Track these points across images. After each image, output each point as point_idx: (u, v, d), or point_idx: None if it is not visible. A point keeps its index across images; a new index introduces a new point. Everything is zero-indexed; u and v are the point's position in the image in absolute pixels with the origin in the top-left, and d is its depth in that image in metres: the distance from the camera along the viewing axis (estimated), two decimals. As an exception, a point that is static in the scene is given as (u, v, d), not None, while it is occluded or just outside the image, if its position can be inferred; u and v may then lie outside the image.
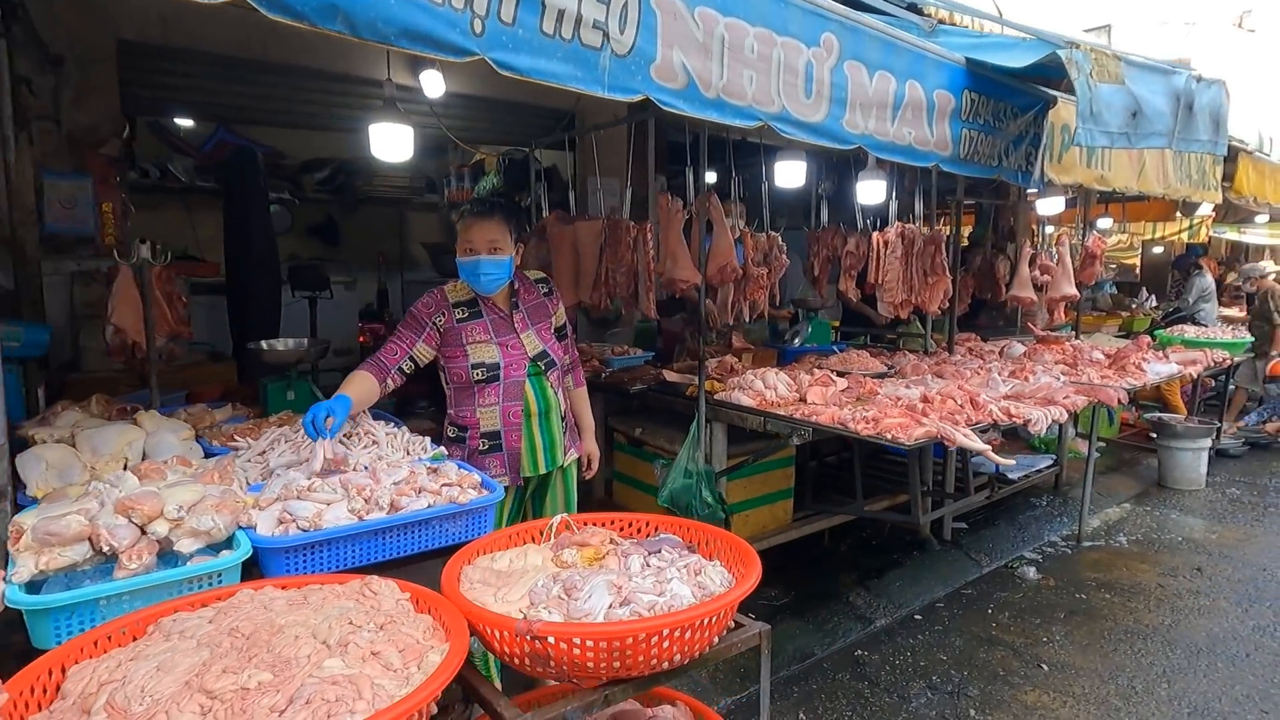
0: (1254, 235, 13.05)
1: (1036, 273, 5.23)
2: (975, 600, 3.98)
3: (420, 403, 4.47)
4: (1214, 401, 8.50)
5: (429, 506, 1.94)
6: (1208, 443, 5.93)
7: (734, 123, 2.48)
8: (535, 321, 2.60)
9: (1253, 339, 7.03)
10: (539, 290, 2.67)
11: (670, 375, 3.68)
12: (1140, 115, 3.19)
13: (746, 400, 3.21)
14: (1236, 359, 6.58)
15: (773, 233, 3.59)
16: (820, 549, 4.45)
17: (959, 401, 3.00)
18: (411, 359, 2.48)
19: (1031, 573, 4.29)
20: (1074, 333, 5.82)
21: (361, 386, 2.32)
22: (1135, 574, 4.31)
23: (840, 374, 3.71)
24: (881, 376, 3.79)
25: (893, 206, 4.34)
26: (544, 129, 6.38)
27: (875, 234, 4.21)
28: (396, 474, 2.05)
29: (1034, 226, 8.38)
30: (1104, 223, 10.59)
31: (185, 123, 6.71)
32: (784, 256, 3.57)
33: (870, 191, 4.07)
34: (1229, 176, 6.82)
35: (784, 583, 4.04)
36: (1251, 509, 5.47)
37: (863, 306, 5.20)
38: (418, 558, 1.99)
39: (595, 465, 2.92)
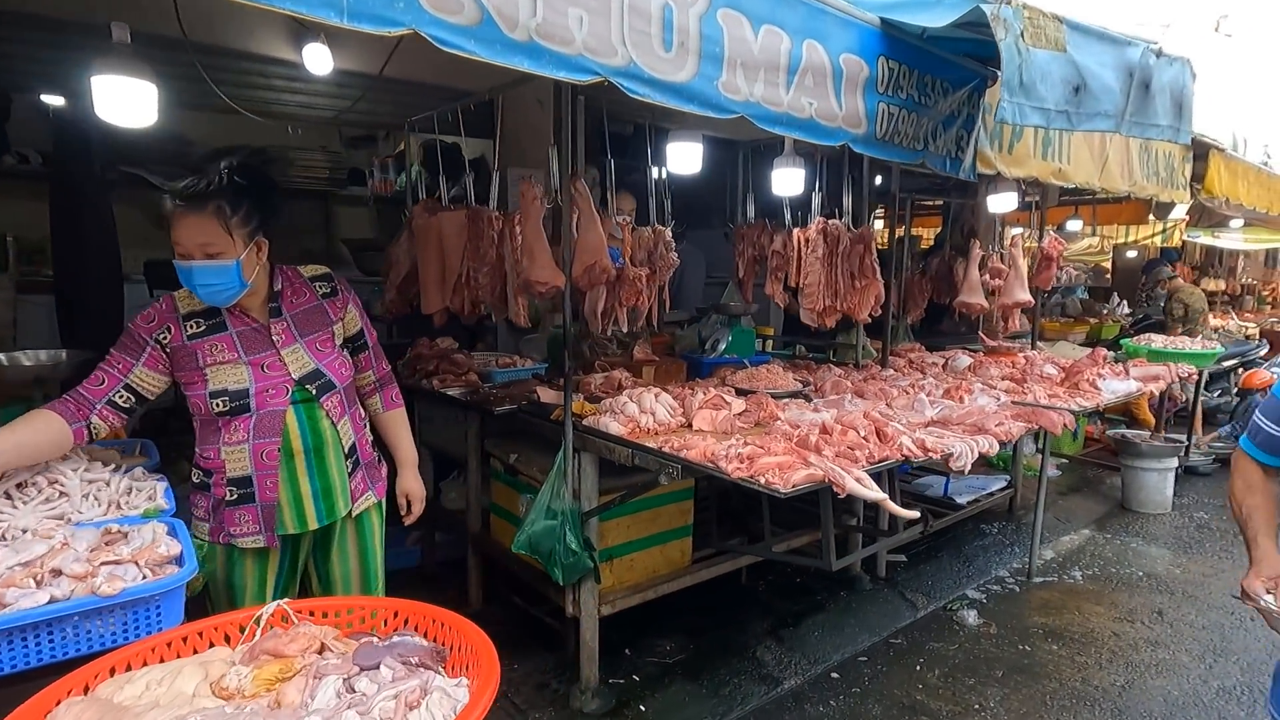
0: (1228, 240, 12.72)
1: (987, 277, 4.72)
2: (904, 653, 3.45)
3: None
4: (1185, 413, 8.09)
5: (52, 601, 1.36)
6: (1174, 463, 5.46)
7: (557, 75, 1.93)
8: (308, 332, 2.03)
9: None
10: (315, 291, 2.09)
11: (545, 394, 3.11)
12: (1084, 90, 2.68)
13: (616, 427, 2.66)
14: (1207, 371, 6.14)
15: (660, 227, 3.03)
16: (735, 588, 3.91)
17: (862, 432, 2.46)
18: (130, 389, 1.88)
19: (972, 617, 3.77)
20: (1030, 342, 5.33)
21: (28, 430, 1.73)
22: (1088, 619, 3.80)
23: (743, 392, 3.16)
24: (794, 396, 3.25)
25: (815, 200, 3.81)
26: (464, 113, 5.80)
27: (797, 231, 3.67)
28: (31, 549, 1.47)
29: (998, 228, 7.96)
30: (1074, 224, 10.16)
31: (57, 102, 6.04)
32: (673, 255, 3.01)
33: (786, 182, 3.53)
34: (1199, 176, 6.38)
35: (683, 632, 3.49)
36: (1220, 536, 5.00)
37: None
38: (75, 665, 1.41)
39: (418, 507, 2.35)
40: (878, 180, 10.03)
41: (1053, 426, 2.99)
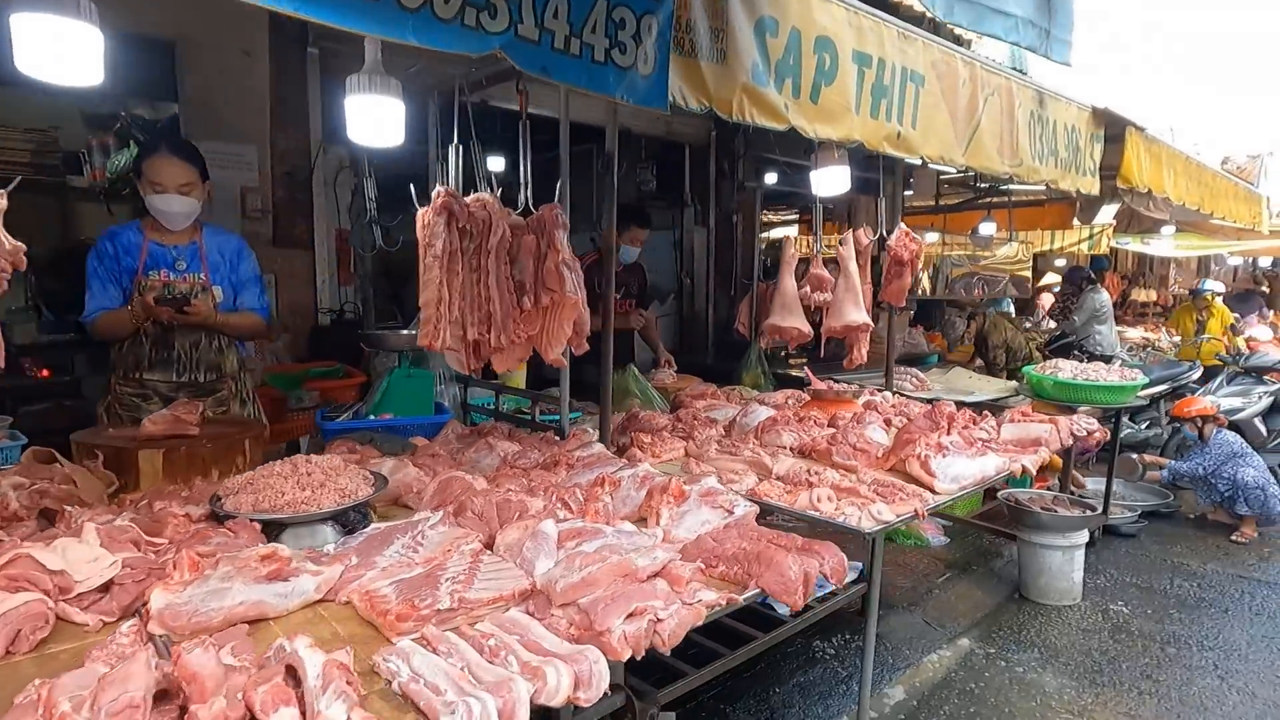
0: (1158, 247, 11.67)
1: (807, 289, 3.27)
2: None
3: None
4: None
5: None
6: (1084, 537, 4.07)
7: None
8: None
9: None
10: None
11: None
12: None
13: None
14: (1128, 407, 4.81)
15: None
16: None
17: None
18: None
19: None
20: (887, 379, 3.89)
21: None
22: None
23: (224, 518, 1.60)
24: (336, 522, 1.70)
25: (452, 156, 2.27)
26: (129, 67, 4.16)
27: (421, 212, 2.15)
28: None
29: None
30: (987, 228, 8.91)
31: None
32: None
33: (363, 120, 2.00)
34: (1113, 162, 5.12)
35: None
36: (1143, 647, 3.60)
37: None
38: None
39: None
40: (772, 178, 8.70)
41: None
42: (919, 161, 3.27)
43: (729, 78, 2.44)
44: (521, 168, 2.26)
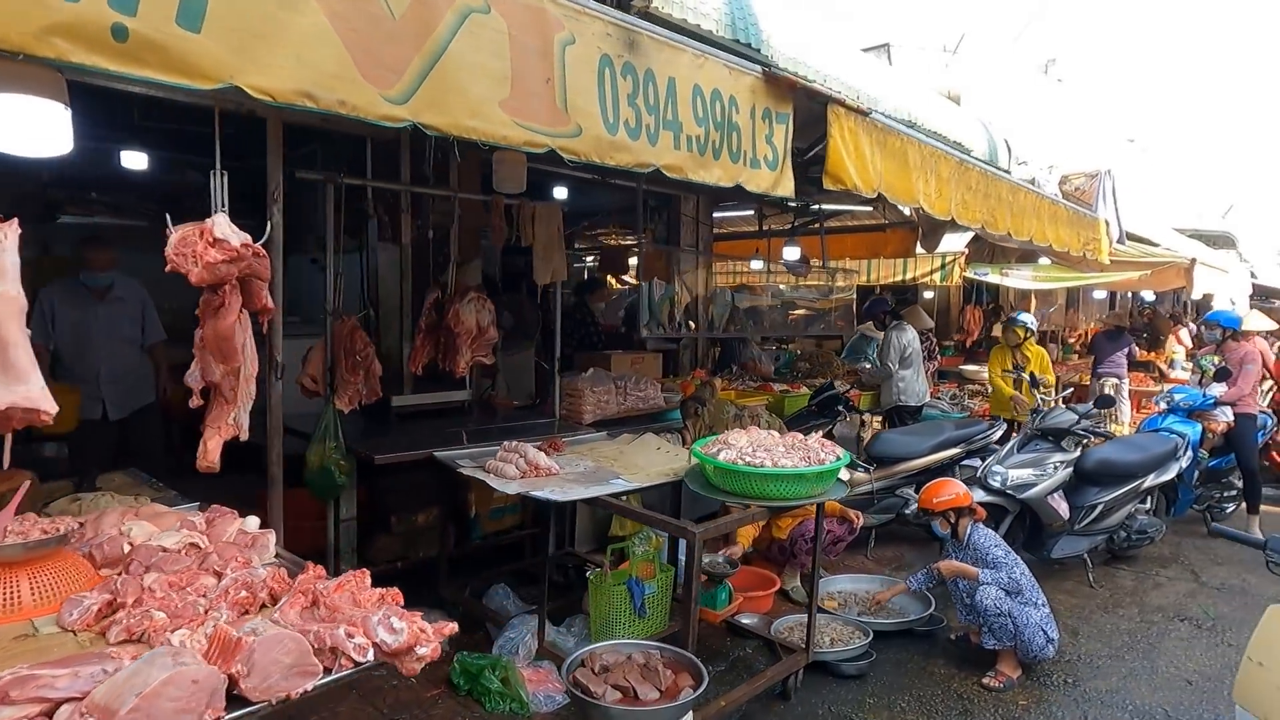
0: (1016, 278, 10.51)
1: None
2: None
3: None
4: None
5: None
6: (678, 735, 2.50)
7: None
8: None
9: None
10: None
11: None
12: None
13: None
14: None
15: None
16: None
17: None
18: None
19: None
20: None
21: None
22: None
23: None
24: None
25: None
26: None
27: None
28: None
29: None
30: (791, 252, 7.51)
31: None
32: None
33: None
34: (811, 145, 3.71)
35: None
36: None
37: None
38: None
39: None
40: (561, 192, 7.08)
41: None
42: (215, 88, 1.68)
43: None
44: None
